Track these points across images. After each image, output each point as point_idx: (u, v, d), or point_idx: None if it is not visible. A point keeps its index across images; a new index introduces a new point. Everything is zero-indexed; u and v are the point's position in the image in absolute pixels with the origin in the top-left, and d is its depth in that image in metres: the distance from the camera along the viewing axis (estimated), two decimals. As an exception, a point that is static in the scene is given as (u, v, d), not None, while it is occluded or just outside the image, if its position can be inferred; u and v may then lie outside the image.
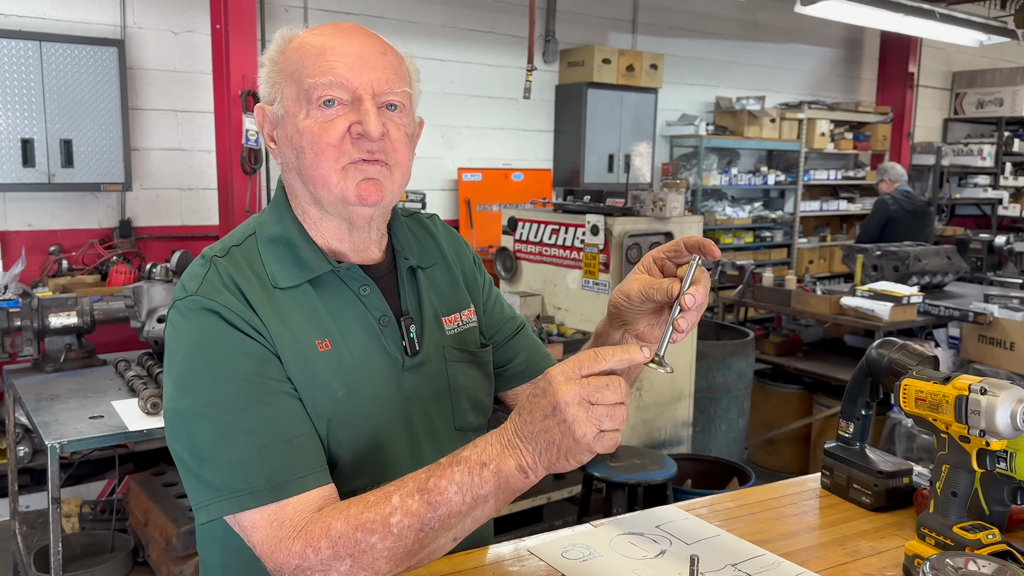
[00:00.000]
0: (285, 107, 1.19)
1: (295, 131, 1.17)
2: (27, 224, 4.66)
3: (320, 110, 1.15)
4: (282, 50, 1.21)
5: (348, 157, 1.15)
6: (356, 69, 1.15)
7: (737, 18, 7.85)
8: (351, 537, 1.01)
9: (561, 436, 0.95)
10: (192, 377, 1.10)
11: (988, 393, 1.17)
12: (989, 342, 4.54)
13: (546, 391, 0.96)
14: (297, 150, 1.17)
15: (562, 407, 0.94)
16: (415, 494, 1.01)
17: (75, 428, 2.57)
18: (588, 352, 0.98)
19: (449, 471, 1.01)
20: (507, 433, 1.00)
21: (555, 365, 1.00)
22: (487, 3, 6.31)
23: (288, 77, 1.19)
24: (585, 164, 6.61)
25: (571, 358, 0.98)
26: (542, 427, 0.96)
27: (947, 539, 1.23)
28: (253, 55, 4.71)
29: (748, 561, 1.27)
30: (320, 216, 1.22)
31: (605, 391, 0.95)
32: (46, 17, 4.57)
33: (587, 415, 0.94)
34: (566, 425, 0.94)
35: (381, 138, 1.15)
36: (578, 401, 0.94)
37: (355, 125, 1.15)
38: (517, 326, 1.46)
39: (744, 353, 4.67)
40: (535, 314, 4.26)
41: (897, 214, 6.28)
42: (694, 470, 4.01)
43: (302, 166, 1.17)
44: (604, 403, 0.95)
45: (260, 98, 1.25)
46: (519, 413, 1.00)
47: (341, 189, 1.16)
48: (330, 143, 1.14)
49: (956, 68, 10.05)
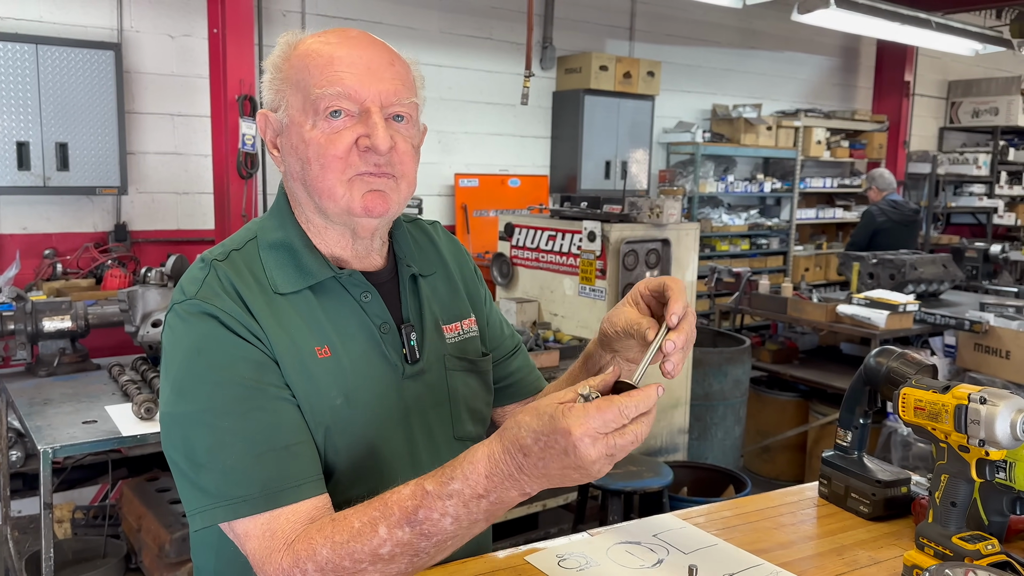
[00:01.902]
0: (290, 116, 1.17)
1: (300, 141, 1.15)
2: (22, 227, 4.64)
3: (327, 121, 1.13)
4: (287, 57, 1.19)
5: (354, 169, 1.14)
6: (364, 80, 1.14)
7: (734, 26, 7.87)
8: (339, 564, 1.00)
9: (579, 479, 0.93)
10: (189, 382, 1.09)
11: (988, 403, 1.17)
12: (985, 351, 4.54)
13: (568, 452, 0.90)
14: (302, 160, 1.16)
15: (587, 465, 0.91)
16: (404, 525, 0.97)
17: (68, 433, 2.55)
18: (609, 409, 0.90)
19: (440, 504, 0.96)
20: (504, 467, 0.94)
21: (570, 417, 0.90)
22: (485, 10, 6.32)
23: (294, 85, 1.17)
24: (582, 170, 6.61)
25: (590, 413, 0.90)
26: (559, 474, 0.93)
27: (946, 549, 1.22)
28: (250, 60, 4.71)
29: (746, 571, 1.27)
30: (324, 224, 1.21)
31: (627, 436, 0.91)
32: (43, 20, 4.56)
33: (609, 462, 0.92)
34: (588, 475, 0.93)
35: (389, 152, 1.14)
36: (604, 458, 0.91)
37: (363, 138, 1.13)
38: (515, 345, 1.46)
39: (740, 360, 4.66)
40: (531, 320, 4.25)
41: (885, 225, 6.23)
42: (690, 478, 4.00)
43: (307, 176, 1.16)
44: (624, 450, 0.92)
45: (263, 104, 1.23)
46: (524, 454, 0.93)
47: (347, 201, 1.15)
48: (336, 155, 1.13)
49: (952, 77, 10.09)
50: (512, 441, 0.94)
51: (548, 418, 0.91)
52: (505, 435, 0.95)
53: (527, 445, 0.93)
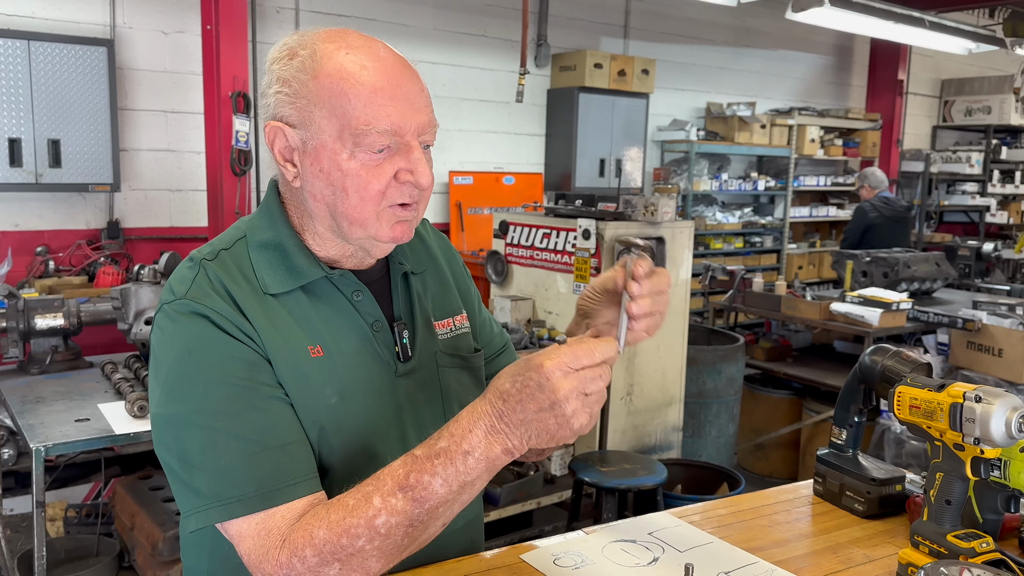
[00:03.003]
0: (321, 141, 1.11)
1: (335, 169, 1.11)
2: (14, 224, 4.62)
3: (368, 155, 1.10)
4: (314, 74, 1.10)
5: (389, 201, 1.13)
6: (407, 114, 1.11)
7: (728, 24, 7.87)
8: (336, 543, 1.00)
9: (557, 427, 0.99)
10: (181, 382, 1.08)
11: (983, 401, 1.17)
12: (978, 348, 4.55)
13: (543, 386, 0.98)
14: (335, 188, 1.12)
15: (561, 402, 0.97)
16: (397, 492, 1.00)
17: (61, 431, 2.54)
18: (582, 346, 1.00)
19: (430, 465, 1.00)
20: (487, 418, 1.00)
21: (542, 354, 1.00)
22: (479, 7, 6.30)
23: (328, 110, 1.10)
24: (576, 168, 6.61)
25: (561, 349, 1.00)
26: (536, 417, 0.99)
27: (941, 547, 1.23)
28: (244, 56, 4.69)
29: (741, 569, 1.27)
30: (332, 238, 1.19)
31: (598, 381, 1.00)
32: (35, 16, 4.53)
33: (582, 406, 0.98)
34: (564, 418, 0.98)
35: (429, 187, 1.15)
36: (576, 395, 0.98)
37: (403, 172, 1.12)
38: (503, 344, 1.47)
39: (734, 358, 4.67)
40: (526, 318, 4.25)
41: (876, 221, 6.30)
42: (684, 475, 4.00)
43: (339, 203, 1.12)
44: (595, 392, 0.99)
45: (271, 114, 1.14)
46: (503, 399, 1.00)
47: (376, 230, 1.14)
48: (379, 190, 1.11)
49: (945, 76, 10.11)
50: (493, 391, 1.02)
51: (524, 360, 1.01)
52: (487, 389, 1.03)
53: (505, 389, 1.00)
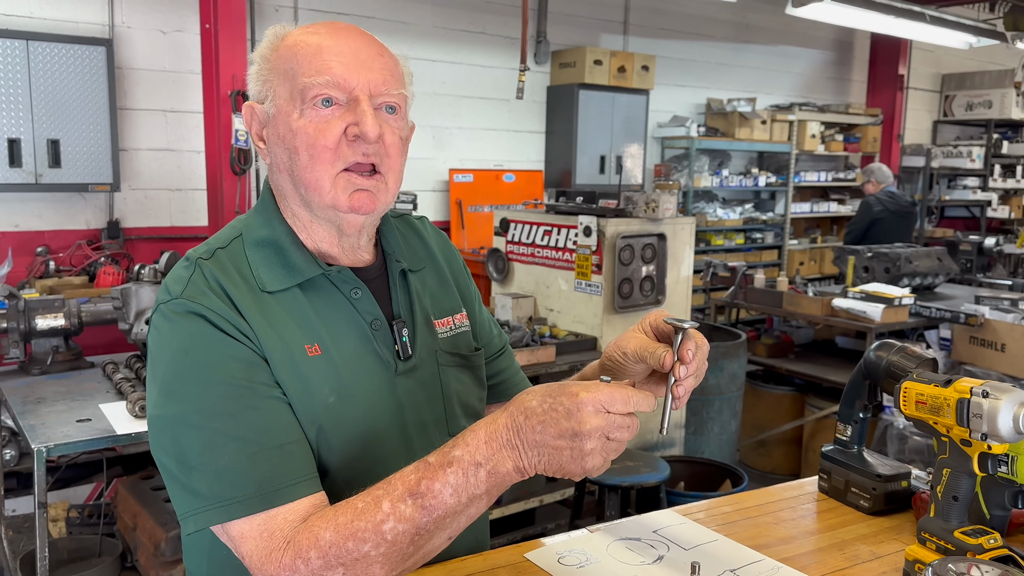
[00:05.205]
0: (277, 105, 1.16)
1: (288, 130, 1.14)
2: (14, 225, 4.61)
3: (315, 110, 1.12)
4: (275, 47, 1.18)
5: (344, 161, 1.13)
6: (353, 69, 1.13)
7: (728, 20, 7.86)
8: (342, 547, 0.99)
9: (570, 460, 0.97)
10: (178, 383, 1.07)
11: (990, 396, 1.16)
12: (980, 343, 4.54)
13: (571, 414, 0.96)
14: (290, 150, 1.14)
15: (583, 436, 0.96)
16: (407, 498, 0.99)
17: (62, 431, 2.53)
18: (621, 391, 0.98)
19: (441, 473, 0.99)
20: (504, 432, 0.99)
21: (580, 385, 0.97)
22: (478, 4, 6.29)
23: (281, 75, 1.15)
24: (577, 165, 6.60)
25: (601, 386, 0.97)
26: (553, 444, 0.97)
27: (948, 544, 1.22)
28: (243, 55, 4.68)
29: (747, 567, 1.26)
30: (310, 219, 1.20)
31: (624, 431, 0.98)
32: (33, 16, 4.52)
33: (602, 449, 0.97)
34: (580, 453, 0.96)
35: (378, 140, 1.13)
36: (599, 435, 0.96)
37: (351, 127, 1.12)
38: (502, 345, 1.46)
39: (736, 355, 4.66)
40: (527, 316, 4.24)
41: (881, 215, 6.31)
42: (687, 472, 4.00)
43: (295, 167, 1.14)
44: (618, 440, 0.98)
45: (249, 96, 1.22)
46: (525, 416, 0.98)
47: (332, 197, 1.13)
48: (326, 145, 1.12)
49: (946, 70, 10.09)
50: (517, 405, 1.00)
51: (558, 384, 0.99)
52: (512, 403, 1.01)
53: (531, 407, 0.98)
